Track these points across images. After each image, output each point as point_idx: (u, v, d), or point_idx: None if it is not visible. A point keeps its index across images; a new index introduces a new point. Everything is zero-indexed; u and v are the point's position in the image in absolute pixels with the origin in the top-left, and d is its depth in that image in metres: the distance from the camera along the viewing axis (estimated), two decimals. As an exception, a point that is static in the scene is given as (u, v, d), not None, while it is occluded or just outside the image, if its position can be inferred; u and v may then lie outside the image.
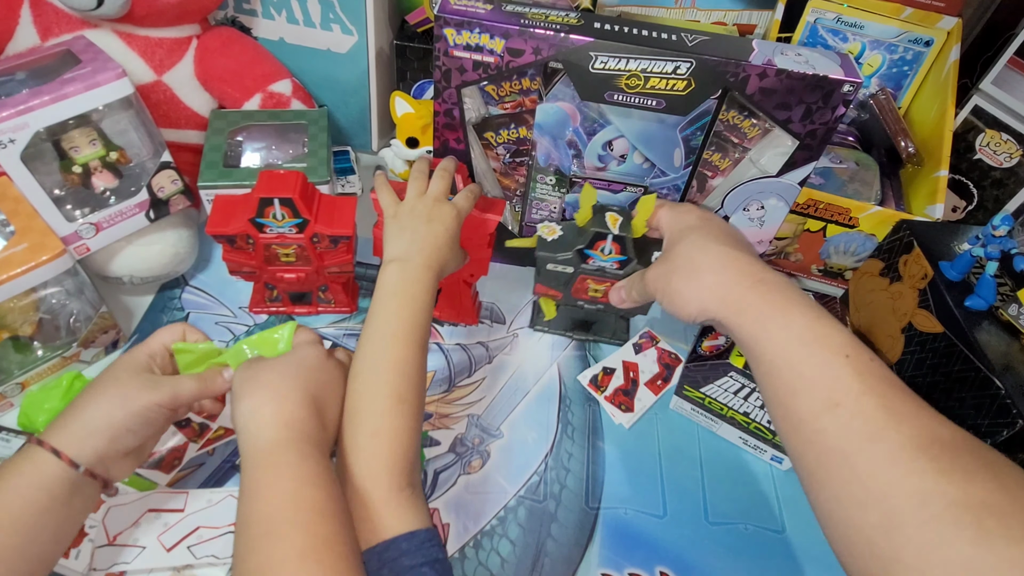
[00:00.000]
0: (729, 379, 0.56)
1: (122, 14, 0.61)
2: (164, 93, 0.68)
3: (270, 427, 0.41)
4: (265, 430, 0.41)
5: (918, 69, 0.83)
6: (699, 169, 0.63)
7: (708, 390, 0.59)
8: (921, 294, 0.65)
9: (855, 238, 0.74)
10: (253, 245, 0.60)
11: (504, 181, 0.69)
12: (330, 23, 0.74)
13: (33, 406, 0.55)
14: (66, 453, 0.41)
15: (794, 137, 0.58)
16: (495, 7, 0.56)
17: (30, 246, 0.53)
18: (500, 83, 0.59)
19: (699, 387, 0.59)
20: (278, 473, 0.39)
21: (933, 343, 0.63)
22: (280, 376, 0.44)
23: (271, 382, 0.43)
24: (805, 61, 0.55)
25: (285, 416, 0.41)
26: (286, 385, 0.43)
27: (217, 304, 0.69)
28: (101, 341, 0.61)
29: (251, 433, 0.41)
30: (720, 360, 0.56)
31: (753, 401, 0.57)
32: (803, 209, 0.72)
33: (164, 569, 0.49)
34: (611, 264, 0.60)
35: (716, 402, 0.59)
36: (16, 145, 0.52)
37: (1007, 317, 0.59)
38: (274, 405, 0.42)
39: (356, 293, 0.71)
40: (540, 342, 0.70)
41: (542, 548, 0.54)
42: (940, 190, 0.73)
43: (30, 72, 0.56)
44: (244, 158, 0.68)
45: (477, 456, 0.59)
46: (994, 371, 0.55)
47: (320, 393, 0.44)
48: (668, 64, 0.54)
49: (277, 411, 0.42)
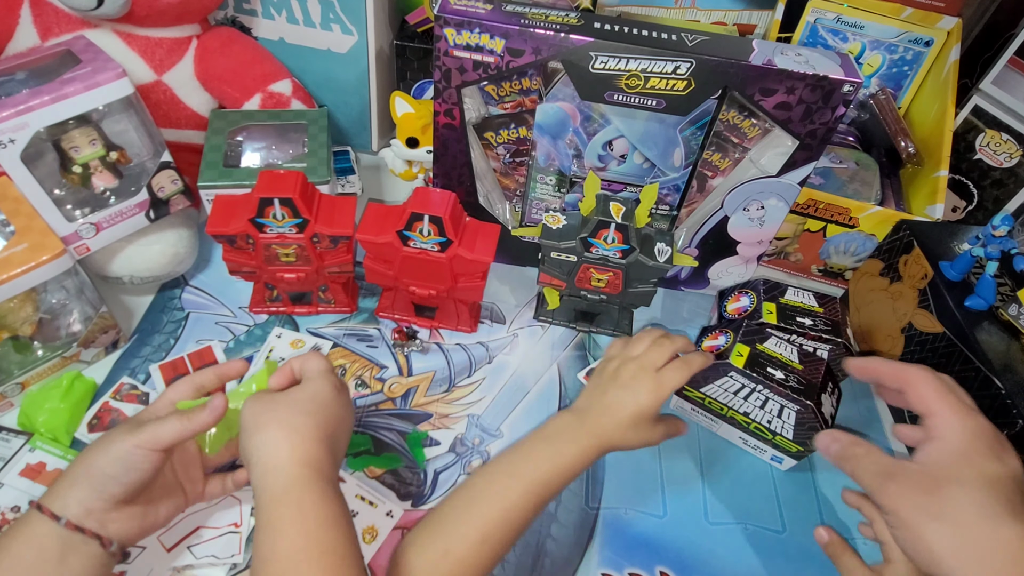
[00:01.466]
0: (729, 379, 0.56)
1: (122, 14, 0.61)
2: (164, 93, 0.68)
3: (288, 464, 0.41)
4: (284, 467, 0.41)
5: (918, 69, 0.83)
6: (699, 169, 0.63)
7: (708, 390, 0.59)
8: (921, 294, 0.65)
9: (855, 238, 0.74)
10: (253, 245, 0.60)
11: (504, 181, 0.69)
12: (330, 23, 0.74)
13: (33, 406, 0.55)
14: (47, 506, 0.40)
15: (794, 137, 0.58)
16: (495, 7, 0.56)
17: (30, 246, 0.53)
18: (500, 83, 0.59)
19: (699, 387, 0.59)
20: (301, 512, 0.39)
21: (933, 343, 0.63)
22: (296, 412, 0.44)
23: (287, 418, 0.43)
24: (805, 61, 0.55)
25: (302, 453, 0.41)
26: (302, 421, 0.43)
27: (217, 304, 0.68)
28: (101, 341, 0.61)
29: (268, 469, 0.41)
30: (721, 360, 0.56)
31: (753, 401, 0.57)
32: (803, 209, 0.72)
33: (164, 569, 0.49)
34: (614, 253, 0.60)
35: (716, 402, 0.59)
36: (16, 145, 0.52)
37: (1007, 317, 0.59)
38: (291, 441, 0.42)
39: (356, 293, 0.71)
40: (540, 342, 0.70)
41: (542, 548, 0.54)
42: (940, 190, 0.73)
43: (30, 72, 0.56)
44: (244, 158, 0.68)
45: (477, 456, 0.59)
46: (994, 371, 0.55)
47: (333, 429, 0.44)
48: (668, 64, 0.54)
49: (294, 448, 0.42)
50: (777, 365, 0.56)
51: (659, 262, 0.60)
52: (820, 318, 0.62)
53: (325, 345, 0.66)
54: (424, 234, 0.58)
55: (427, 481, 0.57)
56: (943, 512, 0.39)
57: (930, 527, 0.39)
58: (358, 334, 0.67)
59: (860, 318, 0.75)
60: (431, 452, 0.59)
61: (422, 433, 0.60)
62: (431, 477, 0.57)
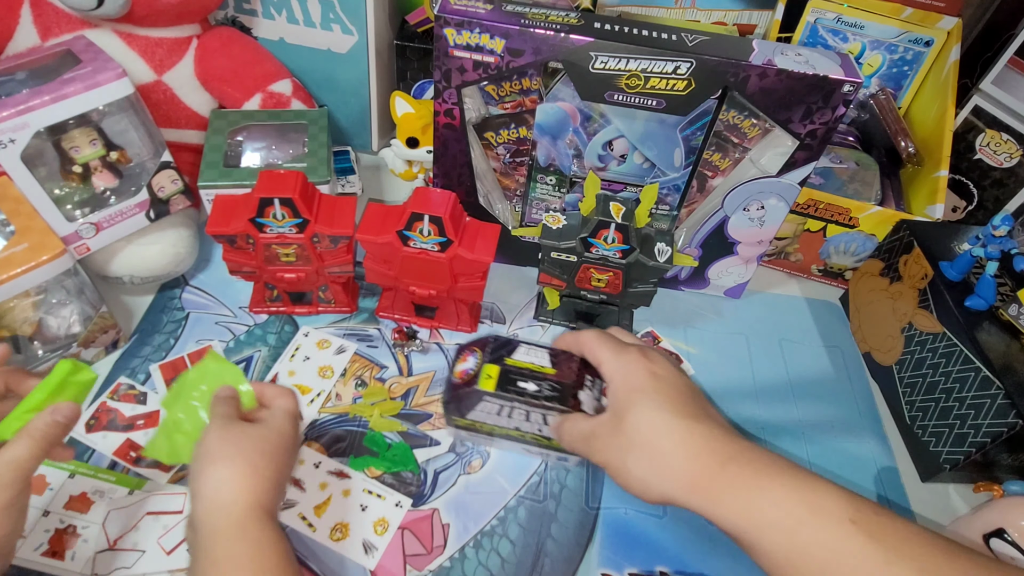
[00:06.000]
0: (485, 403, 0.51)
1: (122, 14, 0.61)
2: (164, 93, 0.68)
3: (245, 502, 0.41)
4: (240, 504, 0.41)
5: (918, 69, 0.83)
6: (699, 169, 0.63)
7: (473, 416, 0.52)
8: (921, 294, 0.65)
9: (855, 238, 0.74)
10: (253, 245, 0.60)
11: (504, 181, 0.69)
12: (330, 23, 0.74)
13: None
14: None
15: (794, 137, 0.58)
16: (495, 7, 0.56)
17: (30, 246, 0.53)
18: (500, 83, 0.59)
19: (464, 415, 0.53)
20: (260, 550, 0.40)
21: (933, 343, 0.63)
22: (260, 452, 0.44)
23: (249, 456, 0.43)
24: (805, 61, 0.55)
25: (259, 494, 0.42)
26: (264, 463, 0.43)
27: (217, 304, 0.68)
28: (101, 341, 0.61)
29: (221, 504, 0.41)
30: (470, 388, 0.51)
31: (517, 417, 0.51)
32: (803, 209, 0.72)
33: (164, 572, 0.49)
34: (613, 253, 0.60)
35: (486, 424, 0.53)
36: (16, 145, 0.52)
37: (1007, 317, 0.59)
38: (251, 481, 0.42)
39: (356, 293, 0.71)
40: (540, 342, 0.69)
41: (542, 548, 0.54)
42: (940, 190, 0.73)
43: (30, 72, 0.56)
44: (244, 158, 0.68)
45: (477, 456, 0.59)
46: (994, 371, 0.55)
47: (286, 475, 0.46)
48: (668, 64, 0.54)
49: (253, 487, 0.42)
50: (528, 376, 0.51)
51: (659, 262, 0.60)
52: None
53: (350, 348, 0.66)
54: (424, 234, 0.58)
55: (427, 481, 0.57)
56: (632, 442, 0.42)
57: (629, 461, 0.42)
58: (358, 334, 0.67)
59: (860, 318, 0.75)
60: (431, 452, 0.59)
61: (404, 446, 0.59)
62: (431, 477, 0.57)
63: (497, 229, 0.61)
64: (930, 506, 0.61)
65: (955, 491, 0.63)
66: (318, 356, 0.65)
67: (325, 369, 0.64)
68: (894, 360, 0.68)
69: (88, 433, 0.56)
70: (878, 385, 0.70)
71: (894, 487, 0.62)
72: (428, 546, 0.53)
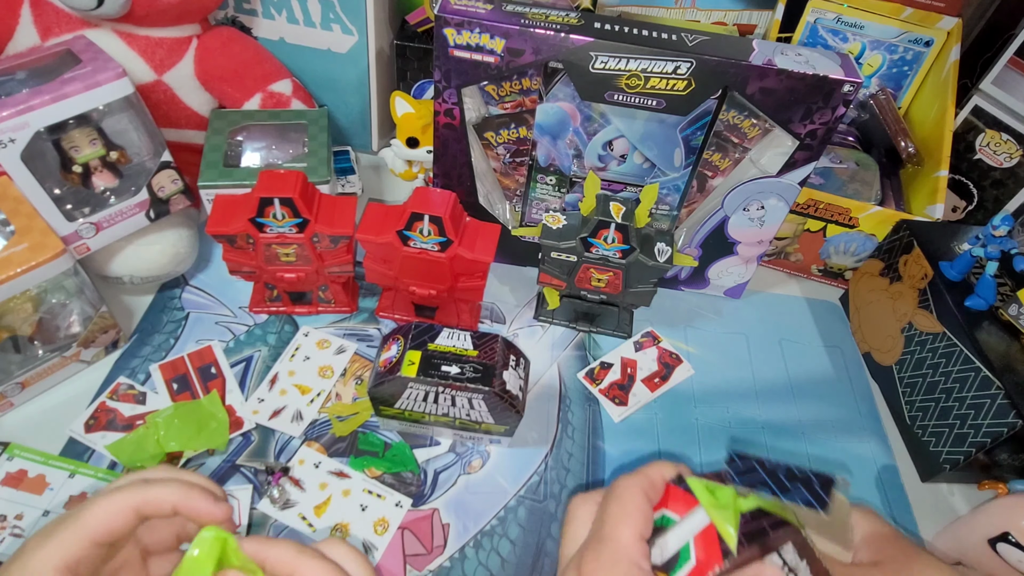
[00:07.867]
0: (410, 390, 0.52)
1: (122, 14, 0.61)
2: (164, 93, 0.68)
3: None
4: None
5: (918, 69, 0.83)
6: (699, 169, 0.63)
7: (402, 404, 0.54)
8: (921, 294, 0.65)
9: (855, 238, 0.74)
10: (253, 245, 0.60)
11: (504, 181, 0.69)
12: (330, 23, 0.74)
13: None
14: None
15: (794, 137, 0.58)
16: (495, 7, 0.56)
17: (30, 246, 0.53)
18: (500, 83, 0.59)
19: (393, 404, 0.54)
20: None
21: (933, 343, 0.63)
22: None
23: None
24: (805, 61, 0.55)
25: None
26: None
27: (217, 304, 0.69)
28: (101, 341, 0.61)
29: None
30: (393, 376, 0.51)
31: (443, 403, 0.53)
32: (803, 209, 0.72)
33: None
34: (614, 253, 0.60)
35: (415, 412, 0.55)
36: (16, 145, 0.52)
37: (1007, 317, 0.59)
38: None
39: (356, 293, 0.71)
40: (540, 342, 0.70)
41: (542, 548, 0.54)
42: (940, 190, 0.74)
43: (30, 72, 0.56)
44: (244, 158, 0.68)
45: (477, 456, 0.59)
46: (994, 371, 0.55)
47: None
48: (668, 64, 0.54)
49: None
50: (451, 360, 0.51)
51: (659, 262, 0.60)
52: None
53: (350, 348, 0.66)
54: (424, 234, 0.58)
55: (427, 481, 0.57)
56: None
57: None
58: (358, 334, 0.67)
59: (860, 318, 0.75)
60: (431, 452, 0.59)
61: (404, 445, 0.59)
62: (431, 477, 0.57)
63: (497, 229, 0.61)
64: (930, 506, 0.61)
65: (955, 491, 0.63)
66: (318, 356, 0.65)
67: (325, 369, 0.64)
68: (894, 360, 0.68)
69: (87, 433, 0.56)
70: (878, 385, 0.70)
71: (894, 487, 0.62)
72: (428, 546, 0.53)
